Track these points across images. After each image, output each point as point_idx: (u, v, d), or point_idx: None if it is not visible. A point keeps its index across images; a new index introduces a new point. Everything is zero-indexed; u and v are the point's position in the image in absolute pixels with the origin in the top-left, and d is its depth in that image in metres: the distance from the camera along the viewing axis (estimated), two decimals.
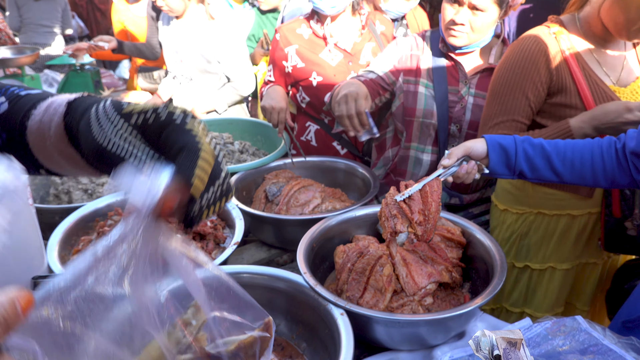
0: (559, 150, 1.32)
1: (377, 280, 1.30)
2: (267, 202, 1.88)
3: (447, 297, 1.36)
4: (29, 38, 4.70)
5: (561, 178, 1.33)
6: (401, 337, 1.20)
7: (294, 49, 2.20)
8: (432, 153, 1.98)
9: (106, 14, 6.18)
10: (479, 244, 1.42)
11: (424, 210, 1.28)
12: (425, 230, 1.27)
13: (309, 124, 2.33)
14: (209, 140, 0.59)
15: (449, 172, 1.33)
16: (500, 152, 1.33)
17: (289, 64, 2.22)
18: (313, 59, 2.19)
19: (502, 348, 0.70)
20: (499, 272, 1.27)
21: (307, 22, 2.23)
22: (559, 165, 1.31)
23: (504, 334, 0.73)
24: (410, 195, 1.29)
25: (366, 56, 2.21)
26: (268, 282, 1.29)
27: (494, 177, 1.60)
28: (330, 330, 1.16)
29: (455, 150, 1.34)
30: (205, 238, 1.55)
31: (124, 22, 3.90)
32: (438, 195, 1.30)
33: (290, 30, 2.23)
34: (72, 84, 3.47)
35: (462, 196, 1.98)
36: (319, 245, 1.47)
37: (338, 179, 2.05)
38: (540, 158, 1.31)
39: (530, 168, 1.33)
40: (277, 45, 2.24)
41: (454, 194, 1.98)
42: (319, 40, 2.20)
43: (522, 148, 1.32)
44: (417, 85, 1.92)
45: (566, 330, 1.13)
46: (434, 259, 1.38)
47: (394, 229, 1.27)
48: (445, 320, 1.18)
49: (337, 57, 2.19)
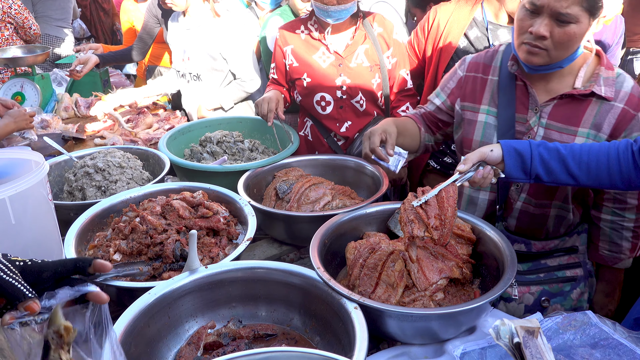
0: (575, 153, 1.32)
1: (389, 276, 1.32)
2: (277, 199, 1.90)
3: (457, 292, 1.38)
4: (42, 30, 4.78)
5: (577, 181, 1.33)
6: (413, 330, 1.23)
7: (290, 49, 2.30)
8: (491, 191, 1.65)
9: (110, 14, 6.23)
10: (489, 240, 1.44)
11: (440, 215, 1.31)
12: (441, 235, 1.30)
13: (306, 120, 2.45)
14: None
15: (465, 177, 1.35)
16: (515, 156, 1.34)
17: (287, 62, 2.32)
18: (306, 60, 2.26)
19: (522, 336, 0.72)
20: (509, 267, 1.29)
21: (305, 24, 2.30)
22: (575, 168, 1.31)
23: (522, 322, 0.75)
24: (426, 200, 1.32)
25: (358, 58, 2.24)
26: (283, 277, 1.31)
27: (510, 182, 1.56)
28: (344, 324, 1.18)
29: (471, 155, 1.36)
30: (219, 234, 1.57)
31: (133, 21, 3.94)
32: (454, 200, 1.32)
33: (289, 30, 2.31)
34: (81, 83, 3.50)
35: (529, 242, 1.60)
36: (330, 241, 1.50)
37: (347, 176, 2.07)
38: (556, 161, 1.32)
39: (546, 171, 1.33)
40: (277, 44, 2.34)
41: (518, 239, 1.60)
42: (314, 42, 2.26)
43: (537, 152, 1.33)
44: (477, 113, 1.63)
45: (577, 324, 1.15)
46: (445, 255, 1.40)
47: (411, 233, 1.30)
48: (457, 314, 1.20)
49: (328, 59, 2.25)
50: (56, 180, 2.06)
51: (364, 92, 2.26)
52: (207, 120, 2.55)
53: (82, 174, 1.92)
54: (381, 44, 2.25)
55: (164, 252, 1.43)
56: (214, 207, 1.62)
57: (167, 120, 2.98)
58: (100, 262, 0.85)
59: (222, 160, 2.15)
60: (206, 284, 1.31)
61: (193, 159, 2.26)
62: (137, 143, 2.63)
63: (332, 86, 2.26)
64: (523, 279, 1.58)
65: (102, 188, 1.89)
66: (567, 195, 1.56)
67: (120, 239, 1.49)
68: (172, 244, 1.44)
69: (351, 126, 2.33)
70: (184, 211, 1.57)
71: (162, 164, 2.04)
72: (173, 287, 1.26)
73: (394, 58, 2.27)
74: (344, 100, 2.28)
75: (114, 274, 1.34)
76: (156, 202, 1.61)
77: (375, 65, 2.25)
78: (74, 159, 2.06)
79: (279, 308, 1.34)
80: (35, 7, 4.80)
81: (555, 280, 1.58)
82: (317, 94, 2.29)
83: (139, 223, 1.49)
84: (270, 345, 1.26)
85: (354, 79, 2.25)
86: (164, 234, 1.48)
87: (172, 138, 2.31)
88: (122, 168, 1.96)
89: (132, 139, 2.69)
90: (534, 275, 1.58)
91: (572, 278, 1.60)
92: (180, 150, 2.34)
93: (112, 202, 1.68)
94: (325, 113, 2.32)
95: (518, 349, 0.72)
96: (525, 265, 1.58)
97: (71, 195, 1.93)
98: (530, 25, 1.39)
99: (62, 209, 1.69)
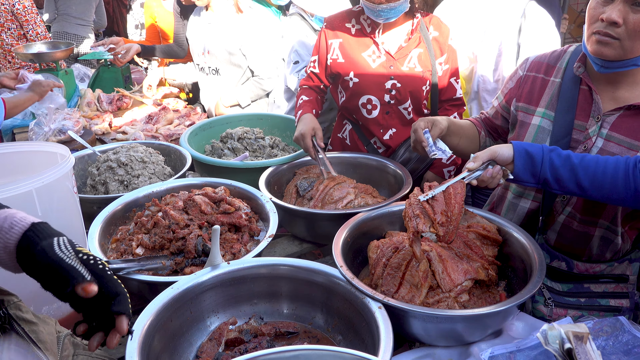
0: (585, 163, 1.27)
1: (413, 276, 1.30)
2: (298, 196, 1.89)
3: (482, 294, 1.35)
4: (61, 27, 4.88)
5: (584, 192, 1.27)
6: (438, 332, 1.20)
7: (337, 43, 2.10)
8: (534, 200, 1.55)
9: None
10: (516, 242, 1.41)
11: (447, 211, 1.28)
12: (446, 232, 1.27)
13: (345, 122, 2.29)
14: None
15: (474, 175, 1.32)
16: (526, 158, 1.30)
17: (330, 56, 2.12)
18: (354, 57, 2.07)
19: (573, 342, 0.69)
20: (537, 270, 1.26)
21: (357, 16, 2.09)
22: (584, 178, 1.26)
23: (570, 327, 0.72)
24: (433, 196, 1.29)
25: (411, 62, 2.05)
26: (306, 274, 1.30)
27: (518, 184, 1.47)
28: (368, 323, 1.16)
29: (481, 153, 1.33)
30: (241, 230, 1.57)
31: (155, 18, 3.96)
32: (461, 197, 1.29)
33: (339, 23, 2.11)
34: (103, 78, 3.54)
35: (572, 261, 1.46)
36: (352, 239, 1.48)
37: (369, 175, 2.05)
38: (565, 169, 1.27)
39: (555, 178, 1.28)
40: (323, 36, 2.14)
41: (559, 255, 1.47)
42: (365, 38, 2.07)
43: (548, 157, 1.29)
44: (531, 116, 1.53)
45: (609, 330, 1.12)
46: (470, 256, 1.38)
47: (416, 228, 1.27)
48: (483, 317, 1.17)
49: (379, 59, 2.06)
50: (79, 174, 2.08)
51: (414, 99, 2.07)
52: (228, 117, 2.56)
53: (105, 168, 1.93)
54: (435, 50, 2.06)
55: (186, 247, 1.43)
56: (236, 203, 1.62)
57: (187, 116, 3.00)
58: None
59: (243, 156, 2.15)
60: (228, 279, 1.30)
61: (214, 155, 2.26)
62: (158, 139, 2.64)
63: (380, 89, 2.06)
64: (561, 300, 1.45)
65: (125, 182, 1.90)
66: (617, 216, 1.42)
67: (142, 233, 1.50)
68: (194, 239, 1.44)
69: (395, 134, 2.14)
70: (206, 207, 1.56)
71: (183, 159, 2.05)
72: (196, 282, 1.25)
73: (446, 65, 2.09)
74: (392, 106, 2.09)
75: (136, 267, 1.35)
76: (178, 197, 1.61)
77: (427, 72, 2.06)
78: (97, 153, 2.08)
79: (301, 306, 1.33)
80: (57, 5, 4.89)
81: (597, 307, 1.44)
82: (363, 96, 2.09)
83: (161, 217, 1.50)
84: (292, 344, 1.25)
85: (404, 84, 2.04)
86: (186, 229, 1.48)
87: (193, 134, 2.32)
88: (144, 163, 1.97)
89: (153, 134, 2.71)
90: (574, 299, 1.45)
91: (617, 308, 1.45)
92: (201, 146, 2.34)
93: (135, 197, 1.68)
94: (371, 117, 2.13)
95: (569, 355, 0.70)
96: (566, 286, 1.45)
97: (94, 189, 1.95)
98: (602, 13, 1.26)
99: (85, 202, 1.70)
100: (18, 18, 4.06)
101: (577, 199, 1.45)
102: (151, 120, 2.91)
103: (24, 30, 4.12)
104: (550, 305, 1.43)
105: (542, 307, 1.44)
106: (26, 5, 4.06)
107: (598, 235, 1.45)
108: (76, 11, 4.85)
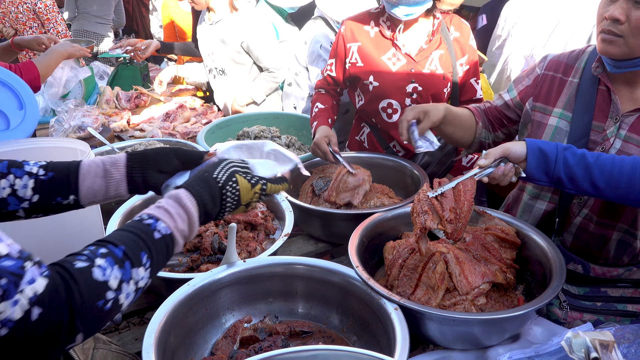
0: (600, 162, 1.23)
1: (430, 278, 1.29)
2: (313, 195, 1.89)
3: (500, 298, 1.34)
4: (81, 25, 4.96)
5: (599, 192, 1.24)
6: (454, 335, 1.19)
7: (356, 46, 2.05)
8: (550, 202, 1.53)
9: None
10: (535, 245, 1.39)
11: (456, 208, 1.25)
12: (455, 229, 1.25)
13: (363, 125, 2.25)
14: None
15: (485, 172, 1.28)
16: (539, 156, 1.26)
17: (349, 60, 2.07)
18: (374, 60, 2.02)
19: (599, 350, 0.67)
20: (557, 275, 1.24)
21: (376, 19, 2.05)
22: (599, 178, 1.22)
23: (594, 335, 0.70)
24: (442, 192, 1.27)
25: (432, 64, 2.01)
26: (321, 274, 1.30)
27: (533, 184, 1.46)
28: (384, 324, 1.15)
29: (493, 150, 1.29)
30: (257, 229, 1.57)
31: (173, 17, 4.00)
32: (471, 195, 1.27)
33: (357, 26, 2.06)
34: (122, 76, 3.58)
35: (588, 265, 1.43)
36: (368, 240, 1.47)
37: (386, 175, 2.03)
38: (580, 168, 1.24)
39: (568, 177, 1.25)
40: (341, 39, 2.09)
41: (575, 258, 1.44)
42: (384, 41, 2.02)
43: (562, 155, 1.25)
44: (548, 116, 1.50)
45: (631, 337, 1.09)
46: (488, 258, 1.36)
47: (424, 224, 1.24)
48: (501, 321, 1.16)
49: (399, 61, 2.01)
50: None
51: (435, 101, 2.00)
52: (245, 115, 2.57)
53: None
54: (456, 50, 2.02)
55: (202, 244, 1.43)
56: None
57: (204, 114, 3.02)
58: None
59: None
60: (244, 277, 1.30)
61: None
62: (175, 136, 2.66)
63: (401, 92, 2.02)
64: (577, 303, 1.42)
65: None
66: (637, 220, 1.39)
67: None
68: (210, 237, 1.44)
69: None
70: None
71: None
72: (212, 279, 1.26)
73: (467, 66, 2.05)
74: None
75: None
76: None
77: (448, 73, 2.02)
78: (115, 150, 2.10)
79: (316, 305, 1.33)
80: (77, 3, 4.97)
81: (614, 312, 1.41)
82: (384, 99, 2.04)
83: None
84: (307, 343, 1.25)
85: (426, 87, 2.00)
86: (202, 226, 1.49)
87: (210, 132, 2.33)
88: None
89: (171, 132, 2.73)
90: (590, 303, 1.42)
91: (634, 314, 1.41)
92: None
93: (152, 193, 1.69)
94: (391, 121, 2.08)
95: None
96: (582, 290, 1.42)
97: None
98: (607, 11, 1.27)
99: None
100: (39, 17, 4.14)
101: (594, 201, 1.43)
102: (168, 118, 2.94)
103: (45, 28, 4.19)
104: (565, 309, 1.40)
105: (557, 310, 1.41)
106: (47, 4, 4.13)
107: (616, 239, 1.42)
108: (96, 10, 4.93)
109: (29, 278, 0.65)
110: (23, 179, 0.98)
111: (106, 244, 0.78)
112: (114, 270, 0.74)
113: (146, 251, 0.80)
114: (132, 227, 0.83)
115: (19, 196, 0.98)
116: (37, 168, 1.00)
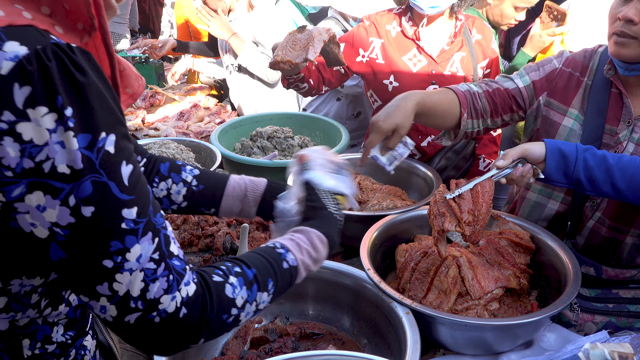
0: (622, 164, 1.21)
1: (442, 282, 1.28)
2: None
3: (513, 303, 1.32)
4: None
5: (620, 195, 1.22)
6: (465, 340, 1.17)
7: (379, 43, 2.01)
8: (562, 202, 1.51)
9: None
10: (549, 250, 1.37)
11: (474, 210, 1.23)
12: (473, 232, 1.23)
13: None
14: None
15: (503, 173, 1.26)
16: (559, 157, 1.24)
17: (367, 54, 2.02)
18: (395, 60, 2.00)
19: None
20: (573, 280, 1.22)
21: (399, 19, 2.02)
22: (620, 179, 1.20)
23: (613, 347, 0.69)
24: (460, 194, 1.25)
25: (454, 66, 1.98)
26: (332, 276, 1.29)
27: (548, 184, 1.43)
28: (395, 328, 1.15)
29: (512, 151, 1.27)
30: (269, 229, 1.57)
31: (187, 16, 4.03)
32: (490, 196, 1.25)
33: (381, 22, 2.03)
34: None
35: (600, 267, 1.42)
36: (380, 242, 1.46)
37: (398, 177, 2.02)
38: (600, 170, 1.21)
39: (588, 179, 1.22)
40: (363, 30, 2.03)
41: (587, 261, 1.42)
42: (406, 41, 2.00)
43: (582, 157, 1.23)
44: (564, 116, 1.46)
45: None
46: (501, 263, 1.34)
47: (441, 227, 1.23)
48: (514, 327, 1.14)
49: (420, 62, 1.99)
50: None
51: None
52: (258, 115, 2.57)
53: None
54: (478, 53, 2.00)
55: (214, 244, 1.44)
56: None
57: (218, 114, 3.03)
58: None
59: (272, 155, 2.16)
60: None
61: (243, 153, 2.28)
62: (188, 135, 2.68)
63: None
64: (588, 305, 1.40)
65: None
66: None
67: (172, 228, 1.52)
68: (222, 237, 1.45)
69: (434, 141, 2.04)
70: None
71: (213, 156, 2.07)
72: None
73: (488, 69, 2.03)
74: None
75: None
76: None
77: (469, 76, 2.00)
78: None
79: (327, 307, 1.32)
80: None
81: (626, 313, 1.39)
82: None
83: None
84: (317, 345, 1.25)
85: None
86: (215, 226, 1.50)
87: (223, 132, 2.34)
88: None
89: (184, 131, 2.75)
90: (602, 304, 1.40)
91: None
92: (231, 144, 2.36)
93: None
94: None
95: None
96: (593, 292, 1.41)
97: None
98: (620, 12, 1.24)
99: None
100: None
101: (607, 204, 1.40)
102: (182, 117, 2.96)
103: None
104: (576, 311, 1.38)
105: (567, 312, 1.39)
106: None
107: (629, 243, 1.41)
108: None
109: (186, 280, 0.72)
110: (178, 185, 1.12)
111: (241, 263, 0.83)
112: (242, 291, 0.80)
113: (273, 278, 0.85)
114: (264, 252, 0.88)
115: (172, 200, 1.12)
116: (191, 177, 1.14)
